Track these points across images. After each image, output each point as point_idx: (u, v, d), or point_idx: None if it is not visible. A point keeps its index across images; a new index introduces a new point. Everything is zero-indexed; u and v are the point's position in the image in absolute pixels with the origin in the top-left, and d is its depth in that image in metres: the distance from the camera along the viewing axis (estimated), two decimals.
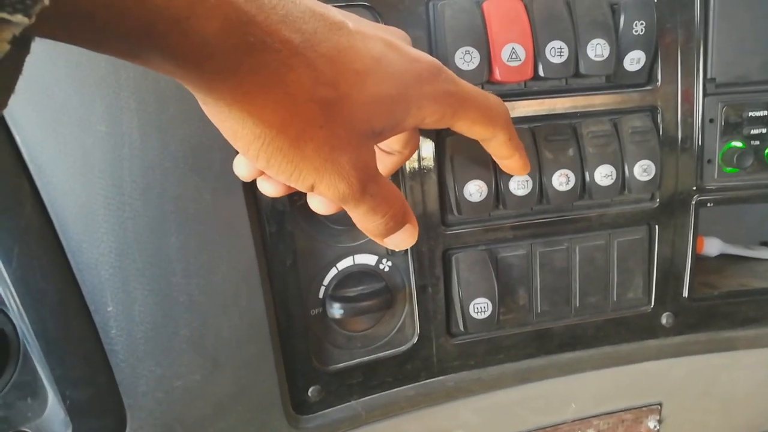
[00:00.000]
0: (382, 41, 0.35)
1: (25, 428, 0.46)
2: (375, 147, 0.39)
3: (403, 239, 0.41)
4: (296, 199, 0.51)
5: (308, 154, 0.32)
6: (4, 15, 0.19)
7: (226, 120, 0.31)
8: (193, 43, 0.26)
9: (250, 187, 0.48)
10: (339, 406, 0.57)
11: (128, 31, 0.25)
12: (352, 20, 0.34)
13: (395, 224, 0.39)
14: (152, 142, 0.44)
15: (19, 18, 0.19)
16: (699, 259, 0.71)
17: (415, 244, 0.54)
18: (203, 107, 0.32)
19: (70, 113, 0.42)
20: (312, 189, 0.34)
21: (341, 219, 0.52)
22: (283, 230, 0.51)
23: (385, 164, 0.46)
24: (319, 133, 0.32)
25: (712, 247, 0.74)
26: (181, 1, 0.25)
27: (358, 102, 0.33)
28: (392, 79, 0.34)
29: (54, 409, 0.47)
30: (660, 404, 0.68)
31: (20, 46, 0.22)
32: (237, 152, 0.46)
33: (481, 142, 0.45)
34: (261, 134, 0.31)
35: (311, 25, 0.31)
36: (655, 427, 0.68)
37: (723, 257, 0.75)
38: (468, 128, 0.40)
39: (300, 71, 0.30)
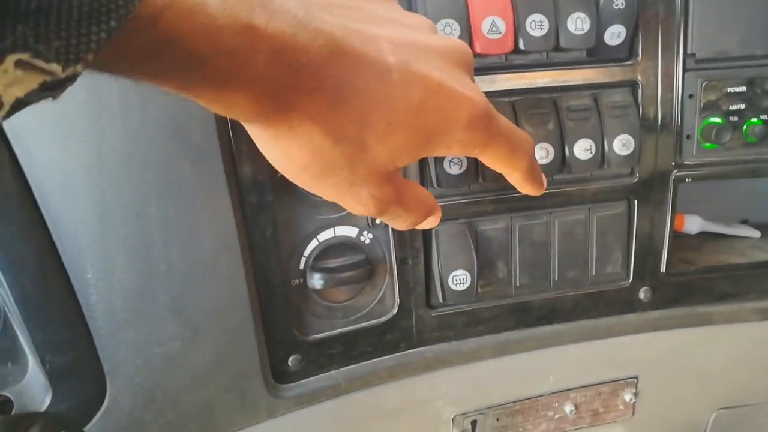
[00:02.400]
0: (425, 86, 0.33)
1: (6, 392, 0.46)
2: None
3: (423, 225, 0.42)
4: (276, 170, 0.52)
5: (329, 185, 0.33)
6: (39, 63, 0.19)
7: (257, 143, 0.33)
8: (224, 101, 0.28)
9: (230, 158, 0.49)
10: (319, 376, 0.57)
11: (165, 86, 0.26)
12: (404, 57, 0.32)
13: (415, 224, 0.40)
14: (132, 110, 0.44)
15: (53, 67, 0.19)
16: (679, 237, 0.72)
17: None
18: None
19: None
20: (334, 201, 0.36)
21: None
22: (263, 201, 0.51)
23: None
24: (340, 173, 0.32)
25: (693, 224, 0.75)
26: (221, 71, 0.26)
27: (383, 150, 0.33)
28: (425, 128, 0.34)
29: (34, 373, 0.47)
30: (636, 377, 0.69)
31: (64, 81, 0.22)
32: (215, 122, 0.47)
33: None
34: (285, 166, 0.33)
35: (351, 80, 0.30)
36: (631, 399, 0.70)
37: (703, 235, 0.76)
38: (490, 163, 0.40)
39: (326, 126, 0.30)
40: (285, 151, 0.31)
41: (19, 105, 0.21)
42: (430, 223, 0.42)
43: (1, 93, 0.19)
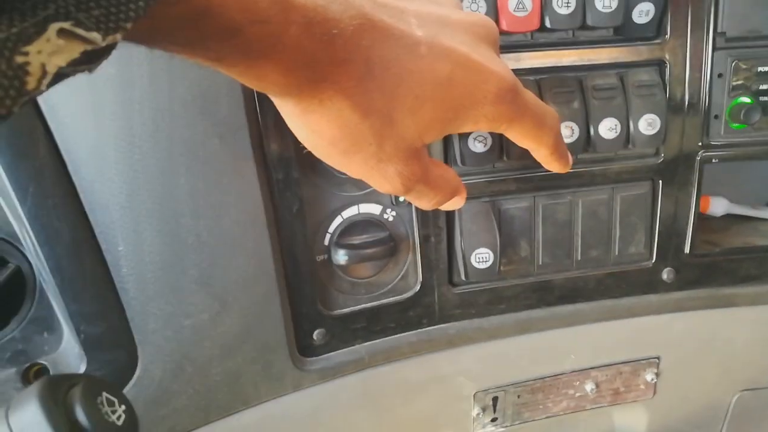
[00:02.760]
0: (453, 60, 0.33)
1: (43, 361, 0.48)
2: None
3: (448, 206, 0.42)
4: (302, 147, 0.52)
5: (356, 162, 0.34)
6: (80, 31, 0.19)
7: (286, 119, 0.34)
8: (256, 73, 0.28)
9: (257, 134, 0.49)
10: (343, 350, 0.58)
11: (201, 57, 0.27)
12: (431, 31, 0.33)
13: (440, 204, 0.40)
14: (161, 85, 0.45)
15: (93, 35, 0.20)
16: (704, 218, 0.71)
17: None
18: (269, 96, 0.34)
19: None
20: (361, 179, 0.36)
21: None
22: (289, 177, 0.52)
23: None
24: (368, 149, 0.33)
25: (718, 206, 0.74)
26: (255, 41, 0.26)
27: (411, 124, 0.33)
28: (452, 102, 0.34)
29: (69, 343, 0.49)
30: (658, 358, 0.69)
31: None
32: (242, 97, 0.48)
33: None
34: (313, 142, 0.33)
35: (381, 53, 0.31)
36: (652, 380, 0.70)
37: (728, 217, 0.75)
38: (516, 138, 0.40)
39: (355, 100, 0.31)
40: (314, 126, 0.32)
41: (59, 77, 0.22)
42: (455, 203, 0.42)
43: (44, 62, 0.20)
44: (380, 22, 0.31)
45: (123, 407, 0.29)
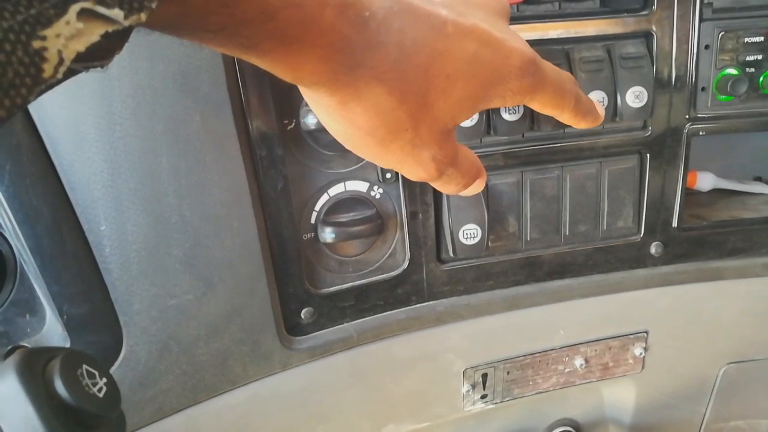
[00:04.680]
0: (477, 38, 0.34)
1: (25, 343, 0.47)
2: None
3: (470, 191, 0.43)
4: (286, 123, 0.52)
5: (392, 150, 0.34)
6: (101, 9, 0.19)
7: (320, 113, 0.34)
8: (292, 62, 0.28)
9: (240, 111, 0.49)
10: (331, 328, 0.58)
11: (233, 45, 0.27)
12: (454, 11, 0.34)
13: (466, 187, 0.41)
14: (141, 61, 0.44)
15: (115, 12, 0.19)
16: (691, 193, 0.71)
17: None
18: (301, 90, 0.33)
19: None
20: (393, 169, 0.37)
21: (332, 144, 0.52)
22: (273, 155, 0.51)
23: None
24: (404, 135, 0.33)
25: (705, 181, 0.74)
26: (291, 24, 0.26)
27: (445, 105, 0.34)
28: (481, 79, 0.34)
29: (52, 324, 0.48)
30: (646, 332, 0.70)
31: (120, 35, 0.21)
32: (224, 74, 0.47)
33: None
34: (350, 134, 0.33)
35: (412, 35, 0.31)
36: (641, 354, 0.70)
37: (715, 192, 0.75)
38: (539, 108, 0.40)
39: (391, 84, 0.31)
40: (351, 117, 0.32)
41: (72, 72, 0.21)
42: (477, 186, 0.42)
43: (62, 47, 0.18)
44: (409, 2, 0.31)
45: (104, 379, 0.29)
